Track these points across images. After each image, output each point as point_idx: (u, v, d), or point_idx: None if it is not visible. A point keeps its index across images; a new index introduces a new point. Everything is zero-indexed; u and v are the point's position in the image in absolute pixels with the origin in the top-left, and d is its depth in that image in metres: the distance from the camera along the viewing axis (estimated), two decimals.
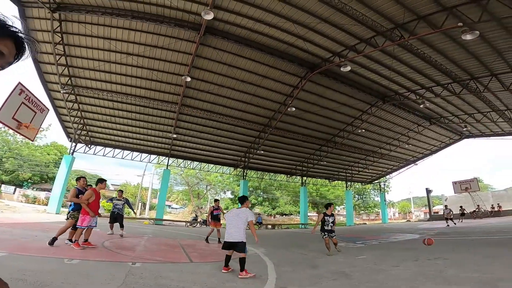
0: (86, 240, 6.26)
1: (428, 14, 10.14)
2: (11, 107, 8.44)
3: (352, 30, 11.74)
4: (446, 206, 21.49)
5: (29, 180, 33.03)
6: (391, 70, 14.33)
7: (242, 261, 4.55)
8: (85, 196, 6.07)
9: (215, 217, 9.71)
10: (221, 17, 11.64)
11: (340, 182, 34.13)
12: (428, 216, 35.82)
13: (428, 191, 34.82)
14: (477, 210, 26.34)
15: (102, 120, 19.11)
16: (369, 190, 44.93)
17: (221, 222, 9.92)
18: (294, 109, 17.03)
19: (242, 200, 5.35)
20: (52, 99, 16.99)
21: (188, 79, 13.67)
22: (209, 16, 9.63)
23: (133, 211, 15.14)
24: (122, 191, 10.51)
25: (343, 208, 43.74)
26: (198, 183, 38.99)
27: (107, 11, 11.23)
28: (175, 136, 19.52)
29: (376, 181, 36.09)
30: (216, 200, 10.48)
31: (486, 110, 18.32)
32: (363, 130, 21.27)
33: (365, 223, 36.87)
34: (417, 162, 30.42)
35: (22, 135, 9.73)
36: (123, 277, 4.07)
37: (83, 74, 15.25)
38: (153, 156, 23.56)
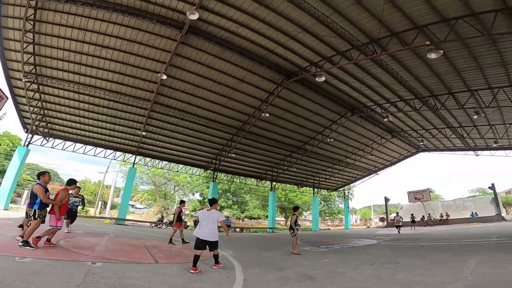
0: (49, 240, 6.02)
1: (401, 31, 10.87)
2: None
3: (331, 41, 12.29)
4: (397, 213, 23.25)
5: None
6: (361, 83, 15.22)
7: (216, 256, 5.45)
8: (60, 197, 5.87)
9: (181, 218, 10.21)
10: (206, 18, 11.57)
11: (308, 188, 35.23)
12: (385, 223, 38.29)
13: (386, 200, 37.40)
14: (427, 218, 28.82)
15: (65, 112, 17.77)
16: (334, 197, 46.89)
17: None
18: (268, 114, 17.33)
19: (212, 202, 5.62)
20: (11, 87, 15.58)
21: (164, 76, 13.33)
22: (194, 16, 9.54)
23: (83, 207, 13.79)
24: (79, 188, 10.25)
25: (310, 213, 45.07)
26: (166, 183, 37.74)
27: (88, 1, 10.59)
28: (144, 133, 18.79)
29: (341, 189, 37.82)
30: (182, 202, 10.85)
31: (441, 126, 20.20)
32: (332, 140, 22.31)
33: (329, 229, 38.37)
34: (378, 172, 32.50)
35: None
36: (83, 276, 3.94)
37: (50, 63, 14.19)
38: (118, 153, 22.43)
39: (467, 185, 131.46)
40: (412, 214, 24.63)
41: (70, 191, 7.09)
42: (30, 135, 17.93)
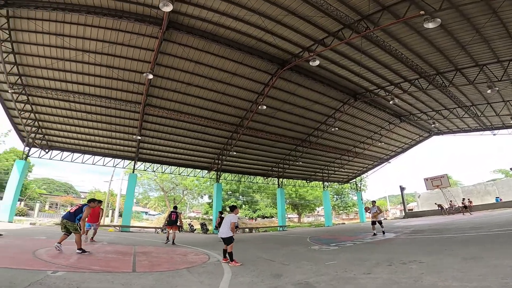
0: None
1: (392, 4, 10.08)
2: None
3: (320, 23, 11.51)
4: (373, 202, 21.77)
5: None
6: (360, 65, 14.32)
7: (230, 254, 6.09)
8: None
9: (174, 221, 11.00)
10: (185, 11, 10.97)
11: (318, 182, 34.21)
12: (403, 213, 36.71)
13: (402, 189, 35.70)
14: (449, 206, 26.97)
15: (59, 122, 17.59)
16: (347, 190, 45.54)
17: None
18: (265, 107, 16.60)
19: (232, 208, 6.72)
20: (2, 100, 15.45)
21: (150, 76, 12.79)
22: (168, 8, 8.93)
23: None
24: None
25: (323, 208, 44.01)
26: (174, 188, 37.60)
27: (59, 6, 10.20)
28: (139, 138, 18.36)
29: (352, 181, 36.55)
30: (175, 207, 12.04)
31: (452, 106, 18.88)
32: (337, 129, 21.27)
33: (344, 223, 37.16)
34: (390, 160, 31.10)
35: None
36: (26, 285, 3.56)
37: (34, 72, 13.90)
38: (118, 160, 22.17)
39: (487, 167, 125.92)
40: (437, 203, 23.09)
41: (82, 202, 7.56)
42: (27, 148, 17.87)
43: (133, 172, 21.10)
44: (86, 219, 7.22)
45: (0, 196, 30.37)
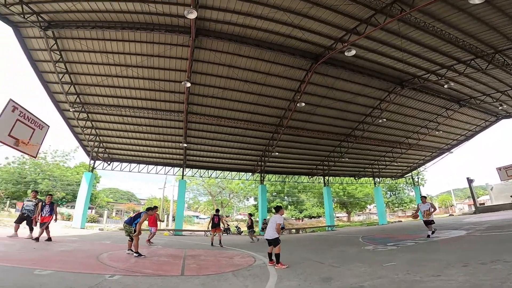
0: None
1: None
2: (5, 124, 8.65)
3: (348, 11, 10.81)
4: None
5: (63, 199, 35.07)
6: (403, 51, 13.04)
7: (277, 256, 5.93)
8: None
9: (217, 224, 11.27)
10: (210, 17, 11.26)
11: (368, 179, 32.12)
12: (473, 208, 32.37)
13: (470, 181, 31.49)
14: None
15: (115, 136, 19.49)
16: (401, 185, 41.91)
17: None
18: (304, 104, 16.11)
19: (277, 209, 6.56)
20: (66, 119, 17.50)
21: (188, 84, 13.40)
22: (193, 15, 9.24)
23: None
24: (37, 192, 10.25)
25: (375, 206, 41.23)
26: (221, 192, 38.90)
27: (97, 24, 11.29)
28: (185, 145, 19.38)
29: (407, 175, 33.47)
30: (217, 210, 12.27)
31: None
32: (384, 120, 19.62)
33: (401, 221, 34.15)
34: (452, 150, 27.69)
35: (23, 152, 9.97)
36: None
37: (89, 90, 15.42)
38: (169, 168, 23.71)
39: None
40: None
41: (141, 209, 8.19)
42: (92, 161, 20.12)
43: (182, 178, 22.32)
44: (143, 223, 7.68)
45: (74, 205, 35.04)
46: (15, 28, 11.63)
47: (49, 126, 9.32)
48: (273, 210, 7.00)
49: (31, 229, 9.11)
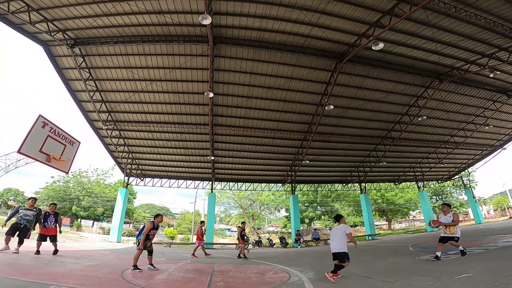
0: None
1: None
2: (36, 140, 8.94)
3: (368, 3, 10.10)
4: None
5: (103, 214, 37.05)
6: (436, 42, 11.84)
7: (338, 266, 5.30)
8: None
9: (243, 236, 11.33)
10: (226, 23, 11.14)
11: (409, 183, 29.55)
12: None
13: None
14: None
15: (146, 152, 20.04)
16: (448, 188, 38.01)
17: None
18: (332, 107, 15.20)
19: (337, 218, 6.00)
20: (101, 137, 18.24)
21: (211, 94, 13.29)
22: (207, 21, 9.10)
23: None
24: (35, 199, 8.27)
25: (419, 212, 37.71)
26: (251, 204, 38.33)
27: (118, 40, 11.64)
28: (213, 158, 19.28)
29: (455, 177, 30.22)
30: (243, 223, 12.33)
31: None
32: (424, 118, 17.84)
33: None
34: (504, 146, 24.52)
35: (55, 167, 10.30)
36: None
37: (118, 107, 15.86)
38: (198, 182, 23.80)
39: None
40: None
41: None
42: (126, 178, 20.83)
43: (211, 192, 22.24)
44: (145, 235, 7.00)
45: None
46: (45, 47, 12.20)
47: (80, 142, 9.58)
48: (333, 220, 6.31)
49: (21, 242, 7.67)
